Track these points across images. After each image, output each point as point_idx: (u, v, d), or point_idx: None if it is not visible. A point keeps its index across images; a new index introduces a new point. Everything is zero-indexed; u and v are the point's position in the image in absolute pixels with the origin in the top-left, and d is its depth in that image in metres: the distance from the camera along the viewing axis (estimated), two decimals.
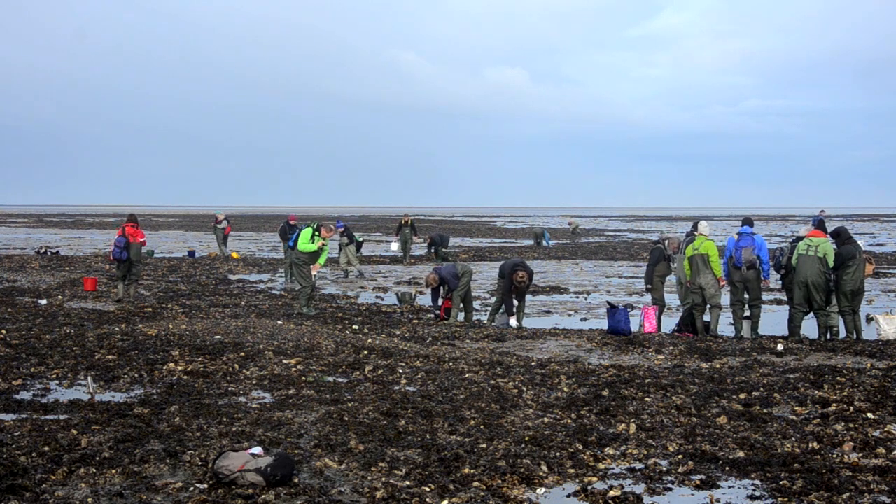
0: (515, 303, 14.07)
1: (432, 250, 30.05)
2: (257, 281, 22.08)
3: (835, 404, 7.88)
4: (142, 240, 17.01)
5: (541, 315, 16.24)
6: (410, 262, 28.87)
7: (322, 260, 15.23)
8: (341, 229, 24.10)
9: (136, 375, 8.95)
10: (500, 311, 14.38)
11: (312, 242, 15.08)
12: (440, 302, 14.87)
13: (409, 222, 29.09)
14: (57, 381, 8.74)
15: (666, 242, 14.16)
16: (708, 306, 13.05)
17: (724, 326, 13.91)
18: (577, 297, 19.12)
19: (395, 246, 29.64)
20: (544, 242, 39.92)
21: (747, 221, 13.53)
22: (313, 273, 15.18)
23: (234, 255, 30.33)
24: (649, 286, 14.18)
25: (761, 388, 8.56)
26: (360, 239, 25.72)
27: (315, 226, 15.37)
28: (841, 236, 12.73)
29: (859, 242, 12.96)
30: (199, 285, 20.14)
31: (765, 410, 7.71)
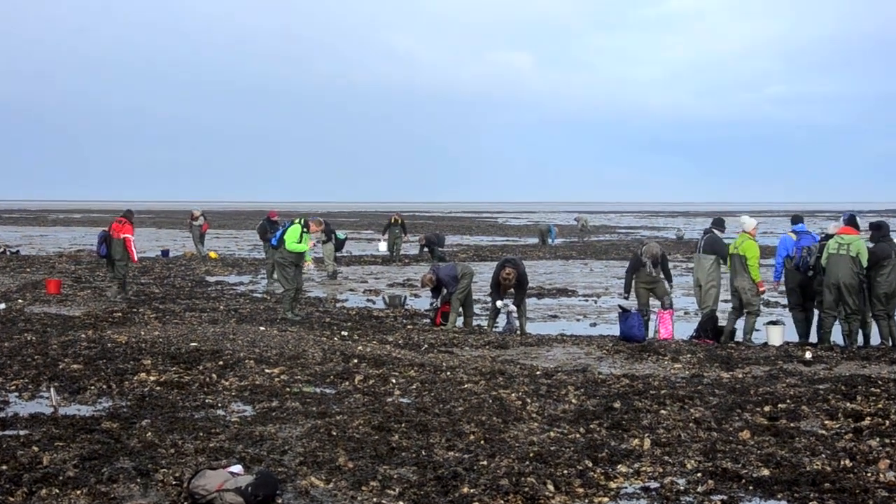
0: (513, 307, 14.08)
1: (427, 250, 30.12)
2: (237, 283, 22.05)
3: (869, 418, 7.88)
4: (124, 236, 17.18)
5: (546, 320, 16.22)
6: (404, 262, 28.91)
7: (309, 257, 15.39)
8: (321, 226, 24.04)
9: (104, 386, 8.93)
10: (499, 315, 14.38)
11: (301, 242, 15.00)
12: (439, 303, 14.85)
13: (400, 221, 29.17)
14: (16, 394, 8.72)
15: (643, 250, 14.15)
16: (745, 312, 13.14)
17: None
18: (586, 301, 19.12)
19: (382, 246, 29.76)
20: (549, 240, 39.90)
21: (799, 219, 13.66)
22: (306, 268, 15.26)
23: (212, 254, 30.34)
24: (626, 294, 14.28)
25: (788, 400, 8.56)
26: (344, 236, 25.72)
27: (303, 222, 15.30)
28: (881, 230, 12.69)
29: None
30: (174, 288, 20.11)
31: (792, 424, 7.70)
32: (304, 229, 15.12)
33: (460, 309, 14.65)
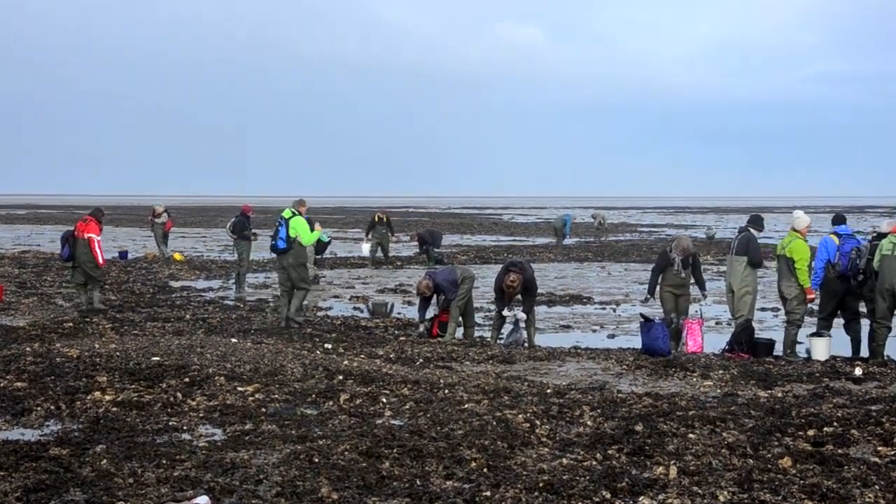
0: (521, 314, 14.05)
1: (423, 250, 30.16)
2: (206, 289, 22.05)
3: None
4: (89, 235, 17.19)
5: (558, 331, 16.22)
6: (396, 264, 28.95)
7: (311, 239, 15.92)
8: None
9: (53, 407, 8.91)
10: (507, 326, 14.36)
11: (312, 230, 15.89)
12: (431, 314, 14.83)
13: (385, 219, 29.25)
14: None
15: (672, 245, 14.15)
16: (786, 321, 13.19)
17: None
18: (604, 309, 19.13)
19: (366, 248, 29.67)
20: (564, 234, 39.86)
21: (841, 219, 13.69)
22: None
23: (177, 256, 30.35)
24: (650, 296, 14.26)
25: (835, 423, 8.55)
26: (328, 238, 25.81)
27: (296, 212, 15.76)
28: None
29: None
30: (133, 294, 20.12)
31: (840, 451, 7.69)
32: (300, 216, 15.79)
33: (460, 318, 14.64)
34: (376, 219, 29.32)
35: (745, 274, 13.62)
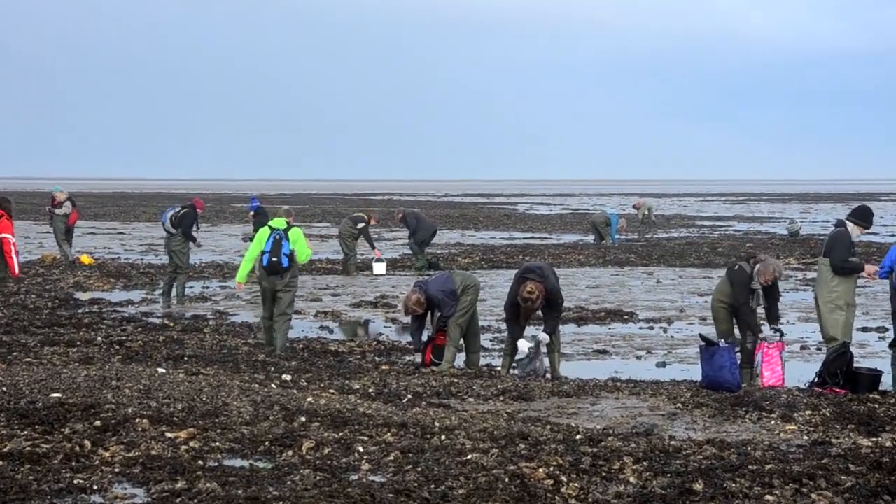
0: (543, 336, 14.01)
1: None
2: (124, 302, 22.00)
3: None
4: (2, 235, 17.15)
5: (591, 357, 16.21)
6: (383, 271, 28.86)
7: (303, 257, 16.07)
8: (253, 212, 24.18)
9: None
10: (523, 351, 14.35)
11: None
12: (426, 336, 14.81)
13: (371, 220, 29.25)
14: None
15: (756, 270, 13.67)
16: None
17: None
18: (652, 328, 19.12)
19: (381, 268, 28.62)
20: (610, 238, 39.82)
21: None
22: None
23: (85, 259, 30.30)
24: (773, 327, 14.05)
25: None
26: None
27: (287, 222, 15.95)
28: None
29: None
30: (26, 310, 20.04)
31: None
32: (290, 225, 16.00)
33: (461, 341, 14.61)
34: (369, 220, 28.91)
35: (834, 284, 13.57)
